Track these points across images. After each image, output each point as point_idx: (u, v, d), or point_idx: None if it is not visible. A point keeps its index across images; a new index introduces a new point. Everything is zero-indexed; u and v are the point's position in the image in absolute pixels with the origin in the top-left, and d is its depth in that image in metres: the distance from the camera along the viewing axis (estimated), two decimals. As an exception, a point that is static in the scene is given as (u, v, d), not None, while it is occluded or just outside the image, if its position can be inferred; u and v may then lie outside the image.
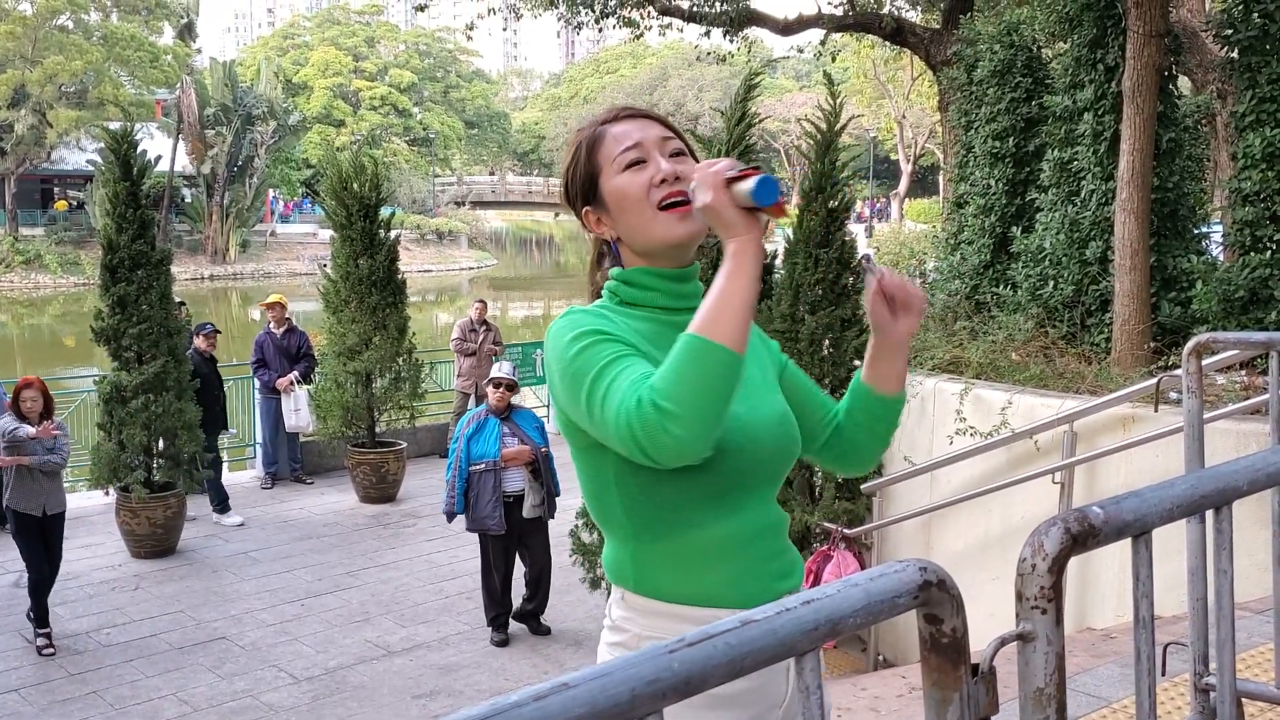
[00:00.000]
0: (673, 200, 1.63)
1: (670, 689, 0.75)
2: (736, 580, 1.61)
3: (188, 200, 47.87)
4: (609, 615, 1.72)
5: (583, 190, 1.73)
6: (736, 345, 1.43)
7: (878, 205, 51.14)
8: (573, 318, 1.64)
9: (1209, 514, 1.42)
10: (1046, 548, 1.05)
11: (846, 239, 7.26)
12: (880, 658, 6.73)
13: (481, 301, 12.29)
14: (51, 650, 6.65)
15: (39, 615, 6.74)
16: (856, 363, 7.08)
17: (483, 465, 6.67)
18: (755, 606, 1.50)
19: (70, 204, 45.67)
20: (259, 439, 10.55)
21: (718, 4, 14.01)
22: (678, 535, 1.59)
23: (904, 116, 42.29)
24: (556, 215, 72.36)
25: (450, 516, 6.86)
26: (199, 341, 9.57)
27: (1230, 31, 6.24)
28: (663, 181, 1.63)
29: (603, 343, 1.56)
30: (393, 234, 10.56)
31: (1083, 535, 1.08)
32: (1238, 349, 3.80)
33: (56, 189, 47.62)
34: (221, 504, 9.52)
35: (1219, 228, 7.62)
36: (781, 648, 0.82)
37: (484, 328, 11.65)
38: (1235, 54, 6.33)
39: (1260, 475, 1.30)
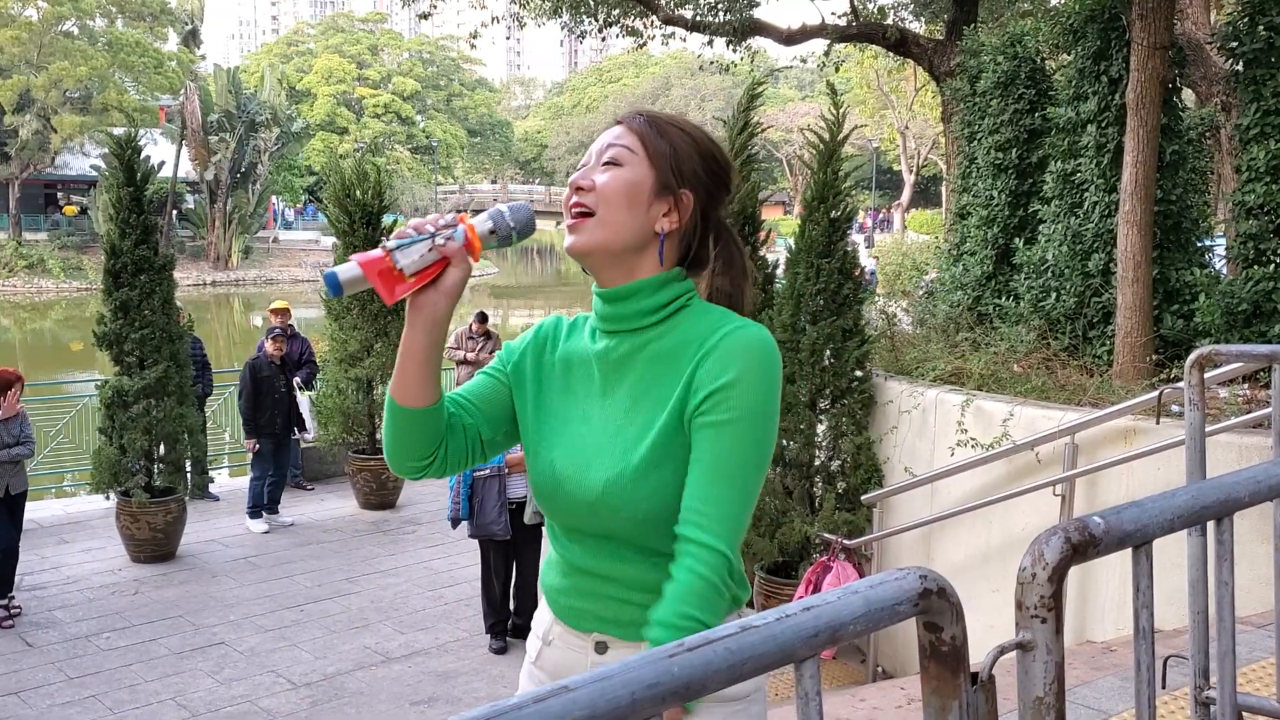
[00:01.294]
0: (572, 212, 1.60)
1: (670, 693, 0.75)
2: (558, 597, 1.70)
3: (191, 206, 47.99)
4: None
5: None
6: (401, 399, 1.59)
7: (880, 216, 51.17)
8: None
9: (1210, 525, 1.42)
10: (1047, 557, 1.05)
11: (848, 249, 7.27)
12: (879, 669, 6.72)
13: (481, 314, 12.23)
14: (10, 623, 6.93)
15: (4, 582, 7.01)
16: (858, 373, 7.09)
17: (487, 471, 6.67)
18: (574, 626, 1.65)
19: (75, 209, 45.77)
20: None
21: (721, 13, 14.04)
22: None
23: (907, 127, 42.36)
24: (558, 224, 72.05)
25: (455, 523, 6.86)
26: (268, 346, 9.63)
27: (1235, 44, 6.25)
28: (567, 196, 1.61)
29: (497, 361, 1.79)
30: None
31: (1083, 545, 1.08)
32: (1240, 362, 3.80)
33: (60, 194, 47.73)
34: (254, 509, 9.54)
35: (1222, 241, 7.62)
36: (781, 654, 0.82)
37: (484, 338, 11.65)
38: (1240, 66, 6.34)
39: (1262, 487, 1.30)
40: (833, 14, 14.28)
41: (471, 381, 1.76)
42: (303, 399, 10.03)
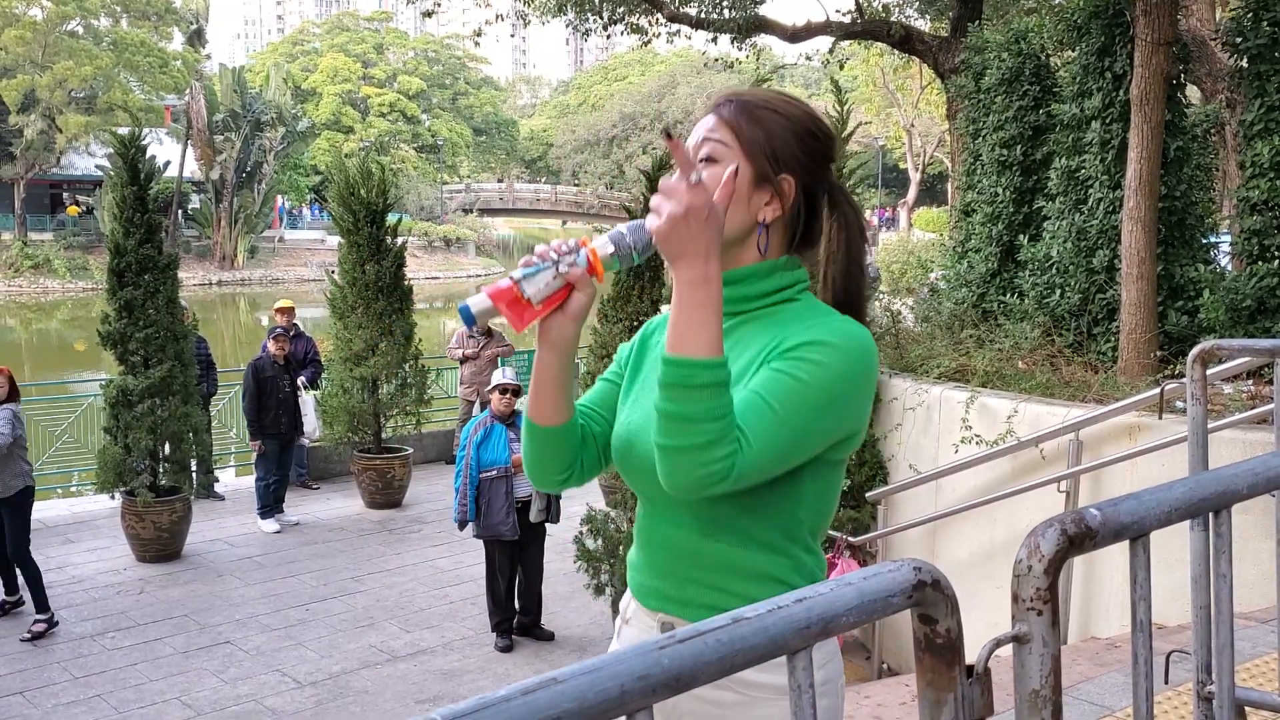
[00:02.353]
0: None
1: (660, 685, 0.75)
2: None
3: (196, 206, 48.05)
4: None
5: None
6: (535, 417, 1.66)
7: (886, 215, 51.10)
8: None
9: (1209, 519, 1.41)
10: (1043, 549, 1.05)
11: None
12: (884, 666, 6.71)
13: None
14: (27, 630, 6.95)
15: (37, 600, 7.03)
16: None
17: (494, 472, 6.67)
18: (644, 603, 1.65)
19: (81, 209, 45.86)
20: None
21: (726, 10, 14.02)
22: None
23: (912, 125, 42.30)
24: (564, 223, 72.48)
25: (462, 525, 6.86)
26: (270, 346, 9.63)
27: (1239, 40, 6.23)
28: None
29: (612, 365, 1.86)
30: (400, 240, 10.58)
31: (1079, 537, 1.07)
32: (1243, 356, 3.79)
33: (65, 194, 47.82)
34: (264, 509, 9.54)
35: (1227, 237, 7.60)
36: (773, 645, 0.82)
37: (485, 335, 11.64)
38: (1244, 62, 6.32)
39: (1260, 479, 1.29)
40: (837, 11, 14.24)
41: (593, 389, 1.80)
42: (308, 398, 10.04)
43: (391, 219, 10.58)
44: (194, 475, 9.24)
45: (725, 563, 1.55)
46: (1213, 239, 7.47)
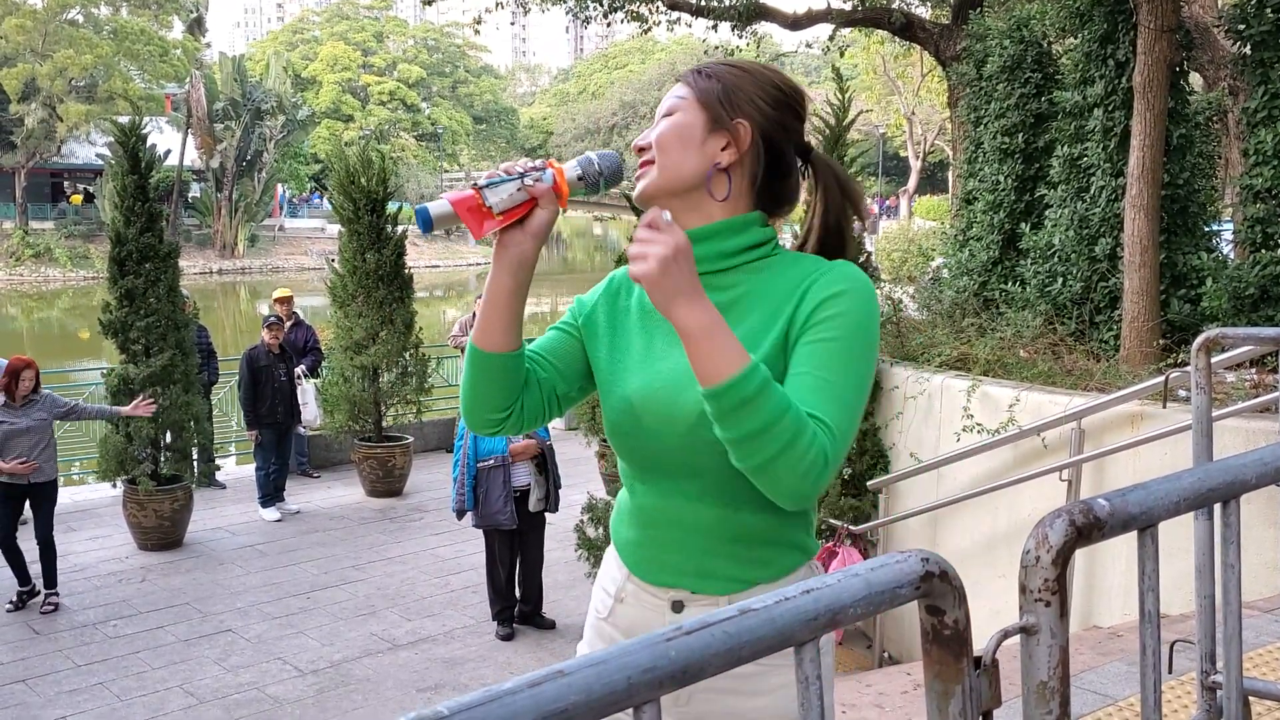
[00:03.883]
0: (641, 167, 1.64)
1: (667, 677, 0.74)
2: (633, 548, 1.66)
3: (196, 195, 47.99)
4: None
5: None
6: (483, 343, 1.61)
7: (886, 203, 51.02)
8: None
9: (1216, 509, 1.40)
10: (1051, 540, 1.04)
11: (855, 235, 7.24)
12: (885, 654, 6.72)
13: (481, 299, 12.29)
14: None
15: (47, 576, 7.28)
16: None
17: (491, 460, 6.66)
18: (649, 580, 1.61)
19: (83, 197, 45.82)
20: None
21: (727, -2, 13.97)
22: None
23: (913, 113, 42.18)
24: (564, 211, 72.36)
25: (460, 514, 6.86)
26: (265, 335, 9.61)
27: (1243, 27, 6.21)
28: (637, 150, 1.65)
29: (568, 314, 1.80)
30: (400, 229, 10.56)
31: (1088, 528, 1.07)
32: (1247, 345, 3.78)
33: (66, 183, 47.77)
34: (265, 498, 9.55)
35: (1229, 225, 7.59)
36: (780, 637, 0.81)
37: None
38: (1248, 50, 6.30)
39: (1269, 469, 1.29)
40: (838, -2, 14.21)
41: (544, 337, 1.76)
42: (308, 386, 10.03)
43: (392, 207, 10.56)
44: (195, 464, 9.24)
45: (748, 532, 1.55)
46: (1215, 227, 7.46)
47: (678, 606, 1.60)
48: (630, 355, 1.65)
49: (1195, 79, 8.36)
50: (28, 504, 7.26)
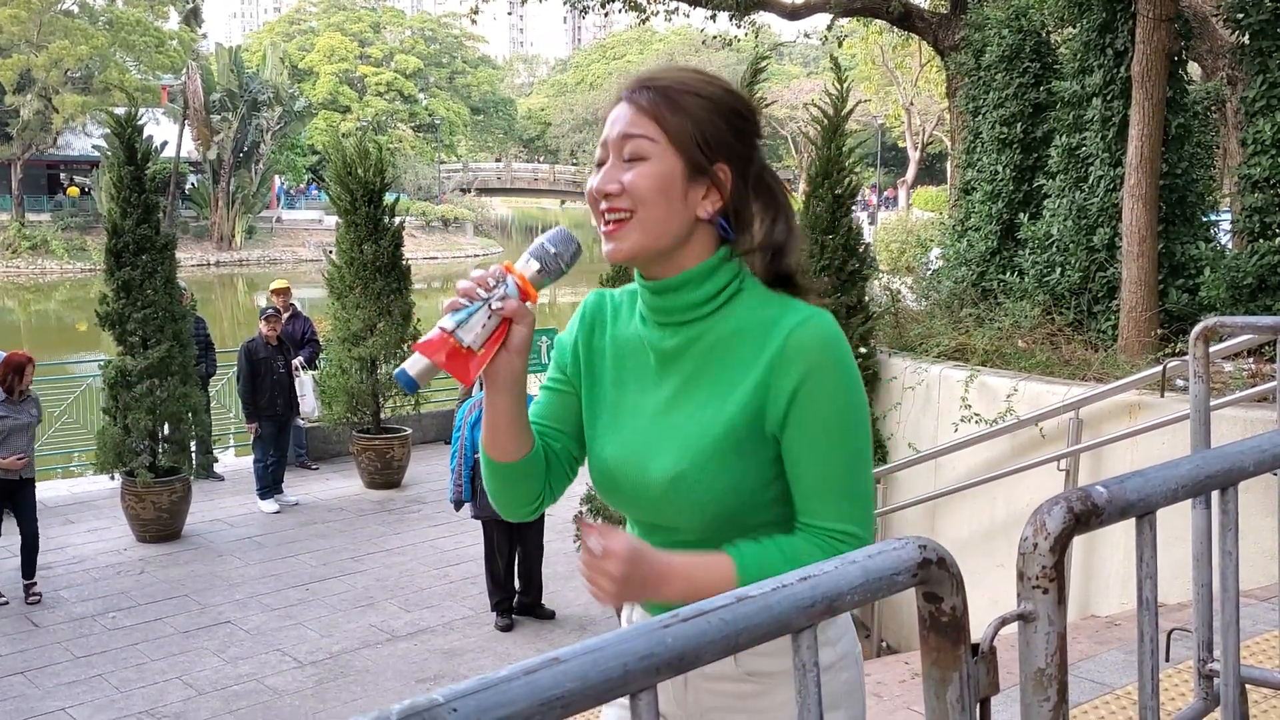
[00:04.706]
0: (606, 217, 1.47)
1: (664, 664, 0.74)
2: None
3: (193, 186, 47.91)
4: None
5: None
6: (496, 455, 1.58)
7: (885, 195, 50.98)
8: (579, 311, 1.64)
9: (1214, 496, 1.40)
10: (1049, 527, 1.04)
11: (852, 225, 7.24)
12: (883, 644, 6.73)
13: None
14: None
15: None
16: (862, 349, 7.06)
17: (490, 452, 6.65)
18: (646, 609, 1.58)
19: (80, 189, 45.74)
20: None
21: (724, -12, 13.93)
22: None
23: (912, 103, 42.11)
24: (563, 203, 72.33)
25: (458, 505, 6.86)
26: (262, 327, 9.60)
27: (1241, 16, 6.20)
28: (593, 198, 1.48)
29: (554, 363, 1.71)
30: (397, 220, 10.54)
31: (1085, 514, 1.06)
32: (1245, 334, 3.78)
33: (63, 175, 47.66)
34: (263, 490, 9.54)
35: (1227, 215, 7.58)
36: (777, 624, 0.81)
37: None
38: (1246, 39, 6.29)
39: (1267, 456, 1.28)
40: (837, -12, 14.15)
41: (541, 402, 1.67)
42: (306, 378, 10.03)
43: (389, 199, 10.54)
44: (193, 455, 9.23)
45: None
46: (1213, 217, 7.45)
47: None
48: (604, 410, 1.60)
49: (1193, 68, 8.35)
50: None
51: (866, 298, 7.33)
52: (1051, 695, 1.03)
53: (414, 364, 1.43)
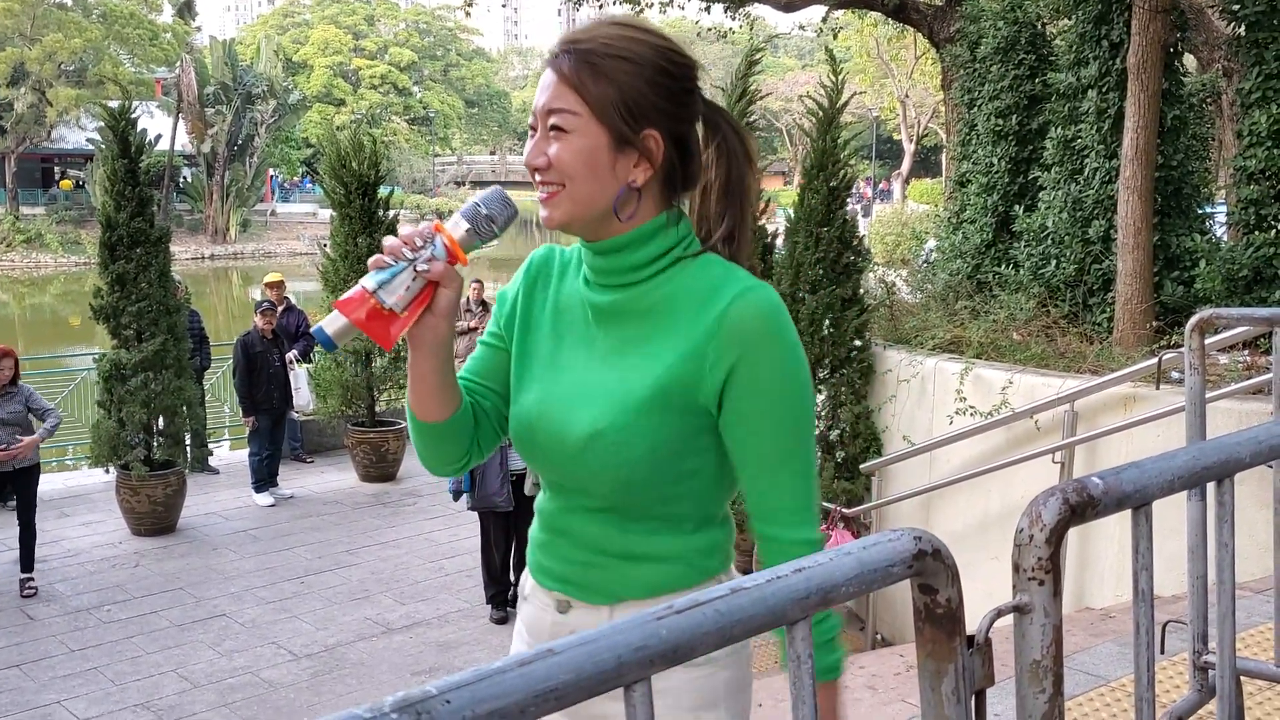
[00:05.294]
0: (539, 188, 1.44)
1: (658, 656, 0.74)
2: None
3: (188, 179, 47.79)
4: None
5: None
6: (421, 414, 1.55)
7: (880, 187, 50.97)
8: (524, 265, 1.60)
9: (1211, 488, 1.40)
10: (1044, 518, 1.03)
11: (847, 218, 7.24)
12: (878, 636, 6.74)
13: (478, 282, 12.28)
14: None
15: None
16: (857, 342, 7.06)
17: (488, 443, 6.65)
18: (540, 582, 1.59)
19: (74, 183, 45.62)
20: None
21: (719, -19, 13.91)
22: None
23: (907, 96, 42.08)
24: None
25: (457, 495, 6.86)
26: (258, 321, 9.58)
27: (1237, 7, 6.19)
28: (531, 170, 1.45)
29: (495, 318, 1.67)
30: (392, 213, 10.52)
31: (1081, 506, 1.06)
32: (1241, 326, 3.78)
33: (57, 168, 47.52)
34: (258, 483, 9.53)
35: (1223, 207, 7.59)
36: (771, 616, 0.80)
37: (481, 308, 11.60)
38: (1242, 30, 6.28)
39: (1263, 447, 1.28)
40: (832, -20, 14.12)
41: (474, 358, 1.63)
42: (300, 371, 10.01)
43: (383, 192, 10.51)
44: (188, 449, 9.22)
45: (636, 551, 1.48)
46: (1209, 209, 7.45)
47: (563, 607, 1.55)
48: (535, 363, 1.55)
49: (1189, 60, 8.35)
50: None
51: (861, 290, 7.33)
52: (1047, 687, 1.03)
53: (331, 322, 1.36)
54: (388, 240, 1.37)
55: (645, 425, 1.42)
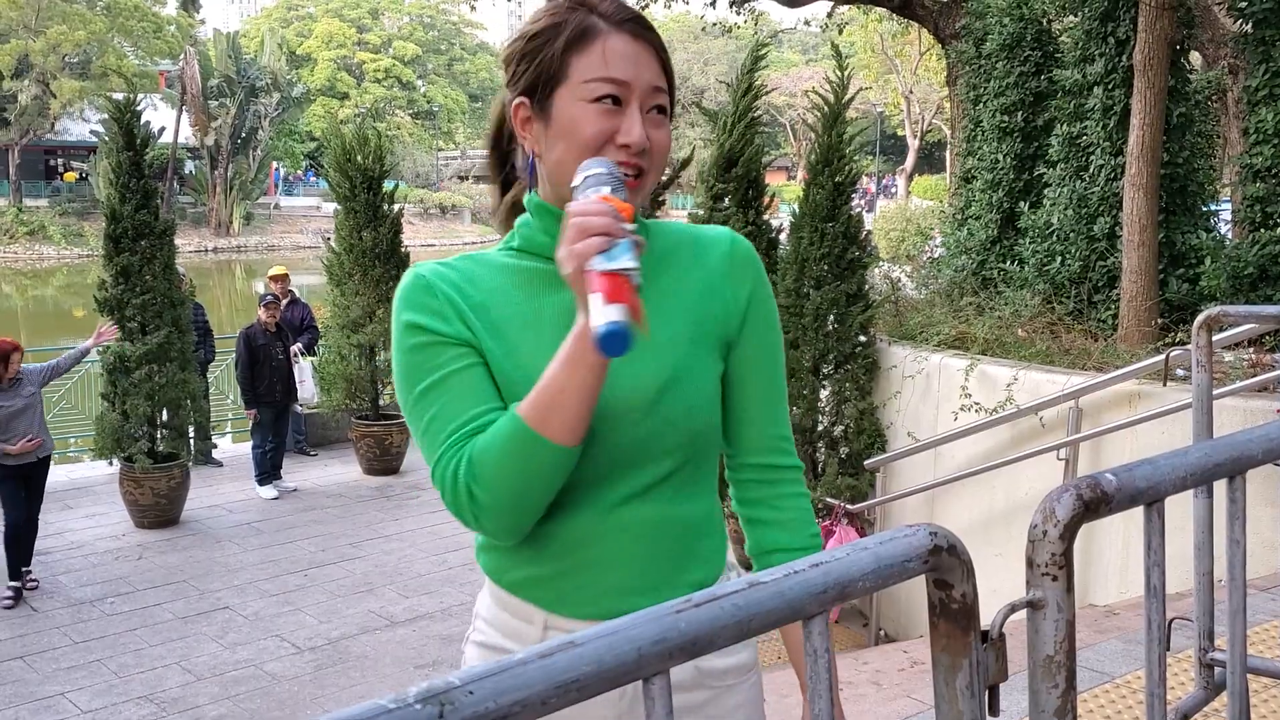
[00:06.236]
0: (625, 172, 1.30)
1: (677, 649, 0.74)
2: (551, 583, 1.38)
3: (191, 172, 47.83)
4: (477, 602, 1.52)
5: (535, 79, 1.34)
6: (570, 440, 1.24)
7: (884, 182, 50.92)
8: (409, 294, 1.38)
9: (1223, 484, 1.40)
10: (1058, 514, 1.03)
11: (852, 213, 7.23)
12: (881, 632, 6.75)
13: None
14: (10, 601, 6.94)
15: (22, 556, 7.14)
16: (862, 338, 7.06)
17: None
18: (579, 613, 1.35)
19: (78, 175, 45.67)
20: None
21: (724, -24, 13.90)
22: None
23: (911, 92, 42.06)
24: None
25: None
26: (261, 314, 9.59)
27: (1244, 4, 6.18)
28: (625, 147, 1.30)
29: (433, 347, 1.33)
30: (396, 207, 10.53)
31: (1095, 502, 1.06)
32: (1249, 323, 3.78)
33: (60, 160, 47.57)
34: (261, 476, 9.54)
35: (1228, 205, 7.58)
36: (789, 610, 0.81)
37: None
38: (1249, 27, 6.27)
39: (1275, 445, 1.28)
40: (837, -24, 14.12)
41: (482, 384, 1.34)
42: (305, 364, 10.02)
43: (388, 186, 10.52)
44: (192, 441, 9.23)
45: (690, 526, 1.40)
46: (1214, 207, 7.45)
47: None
48: (538, 344, 1.34)
49: (1195, 57, 8.33)
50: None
51: (866, 286, 7.32)
52: (1060, 682, 1.03)
53: (615, 314, 1.14)
54: (598, 218, 1.18)
55: (701, 359, 1.39)
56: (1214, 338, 2.76)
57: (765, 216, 7.87)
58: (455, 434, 1.29)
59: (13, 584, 7.03)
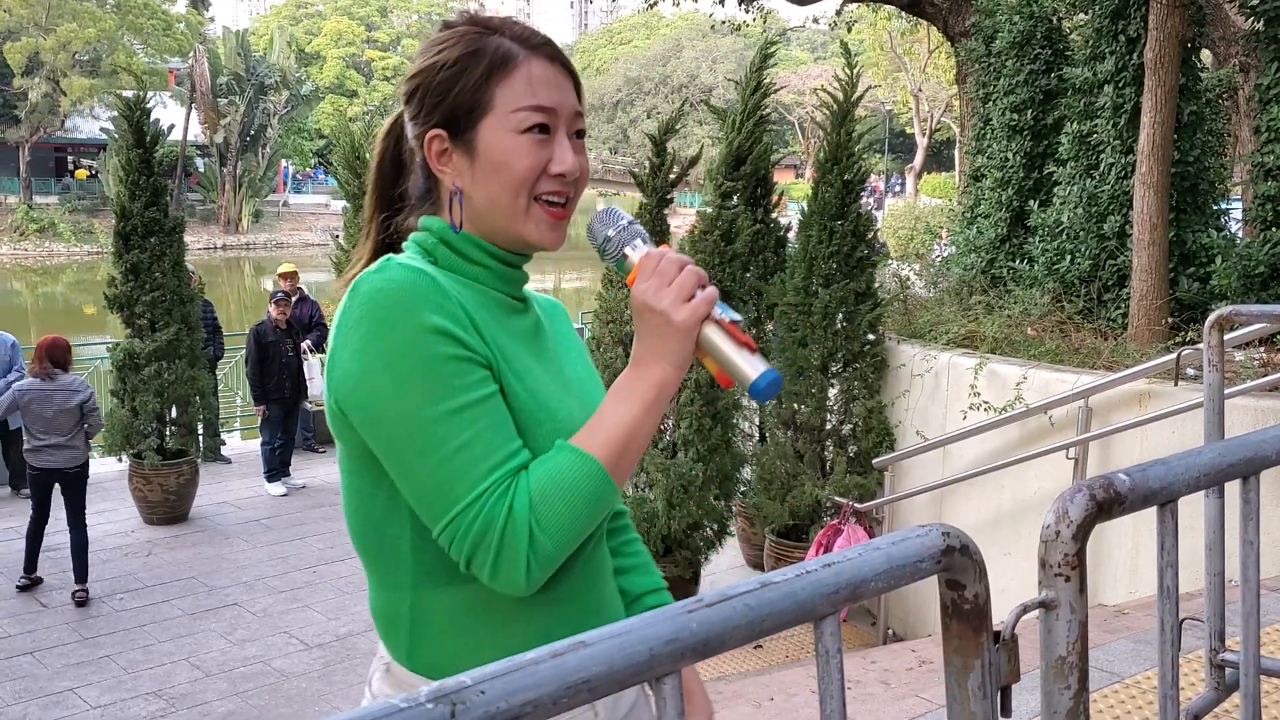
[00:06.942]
0: (555, 199, 1.29)
1: (689, 649, 0.74)
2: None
3: (201, 170, 47.95)
4: (369, 685, 1.36)
5: (453, 110, 1.28)
6: (624, 484, 1.23)
7: (893, 180, 50.85)
8: (425, 293, 1.19)
9: (1236, 484, 1.40)
10: (1071, 514, 1.03)
11: (861, 211, 7.21)
12: (890, 632, 6.74)
13: None
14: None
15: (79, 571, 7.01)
16: (870, 336, 7.05)
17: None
18: None
19: (88, 172, 45.82)
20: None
21: (733, -26, 13.88)
22: (471, 583, 1.21)
23: (920, 90, 41.99)
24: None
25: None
26: (271, 311, 9.61)
27: (1256, 2, 6.15)
28: (559, 176, 1.28)
29: (464, 363, 1.19)
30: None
31: (1108, 502, 1.06)
32: (1261, 322, 3.76)
33: (70, 157, 47.74)
34: (270, 473, 9.57)
35: (1239, 203, 7.55)
36: (801, 610, 0.80)
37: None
38: (1260, 25, 6.24)
39: (1289, 445, 1.28)
40: (846, -26, 14.10)
41: (507, 419, 1.22)
42: (314, 361, 10.03)
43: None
44: (200, 438, 9.26)
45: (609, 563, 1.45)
46: (1225, 205, 7.41)
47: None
48: (542, 383, 1.31)
49: (1206, 55, 8.30)
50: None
51: (875, 284, 7.31)
52: (1072, 683, 1.03)
53: (757, 363, 1.20)
54: (698, 270, 1.22)
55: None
56: (1225, 337, 2.75)
57: (774, 214, 7.86)
58: (500, 469, 1.16)
59: (28, 576, 7.10)
